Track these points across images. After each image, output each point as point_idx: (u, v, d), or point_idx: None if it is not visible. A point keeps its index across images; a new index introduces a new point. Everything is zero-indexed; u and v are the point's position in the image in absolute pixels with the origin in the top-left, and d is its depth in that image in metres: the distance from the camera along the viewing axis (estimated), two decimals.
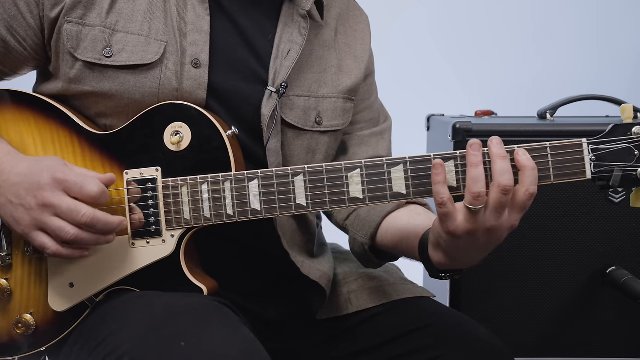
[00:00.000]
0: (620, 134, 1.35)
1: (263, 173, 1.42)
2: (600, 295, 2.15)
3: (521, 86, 3.43)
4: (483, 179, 1.29)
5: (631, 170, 1.35)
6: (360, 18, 1.76)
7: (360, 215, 1.64)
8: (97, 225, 1.36)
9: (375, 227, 1.60)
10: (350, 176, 1.40)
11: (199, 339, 1.28)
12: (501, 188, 1.28)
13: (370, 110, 1.76)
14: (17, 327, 1.46)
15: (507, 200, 1.29)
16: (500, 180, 1.29)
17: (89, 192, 1.36)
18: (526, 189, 1.30)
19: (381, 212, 1.60)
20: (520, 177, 1.31)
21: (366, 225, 1.61)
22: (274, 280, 1.63)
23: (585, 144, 1.35)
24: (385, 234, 1.59)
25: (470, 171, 1.30)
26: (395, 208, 1.60)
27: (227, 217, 1.43)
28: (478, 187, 1.29)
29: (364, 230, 1.62)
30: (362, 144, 1.72)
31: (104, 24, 1.48)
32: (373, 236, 1.60)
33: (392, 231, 1.57)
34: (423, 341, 1.55)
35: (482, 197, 1.29)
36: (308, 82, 1.61)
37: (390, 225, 1.58)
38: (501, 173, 1.29)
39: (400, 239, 1.54)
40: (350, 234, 1.67)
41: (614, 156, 1.35)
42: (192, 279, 1.44)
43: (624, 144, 1.35)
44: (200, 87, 1.49)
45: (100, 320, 1.41)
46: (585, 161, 1.35)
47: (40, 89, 1.56)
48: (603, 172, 1.35)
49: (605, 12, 3.48)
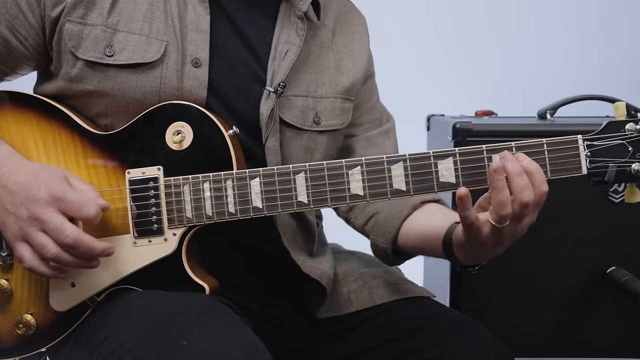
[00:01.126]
0: (614, 130, 1.39)
1: (264, 171, 1.43)
2: (600, 295, 2.15)
3: (521, 86, 3.42)
4: (510, 202, 1.34)
5: (625, 166, 1.39)
6: (358, 20, 1.77)
7: (379, 222, 1.67)
8: (79, 248, 1.36)
9: (395, 232, 1.62)
10: (350, 173, 1.42)
11: (200, 338, 1.28)
12: (523, 204, 1.33)
13: (374, 111, 1.78)
14: (17, 327, 1.46)
15: (529, 211, 1.35)
16: (521, 197, 1.33)
17: (86, 214, 1.36)
18: (539, 190, 1.34)
19: (398, 218, 1.62)
20: (531, 180, 1.34)
21: (386, 231, 1.64)
22: (274, 279, 1.64)
23: (580, 140, 1.39)
24: (406, 238, 1.62)
25: (498, 196, 1.33)
26: (411, 211, 1.63)
27: (229, 214, 1.43)
28: (506, 210, 1.33)
29: (385, 237, 1.64)
30: (371, 145, 1.74)
31: (105, 23, 1.48)
32: (394, 241, 1.63)
33: (413, 236, 1.60)
34: (423, 341, 1.55)
35: (509, 216, 1.34)
36: (306, 82, 1.62)
37: (409, 229, 1.61)
38: (521, 190, 1.33)
39: (423, 242, 1.58)
40: (371, 240, 1.70)
41: (609, 152, 1.39)
42: (194, 278, 1.44)
43: (618, 140, 1.39)
44: (200, 86, 1.50)
45: (102, 320, 1.41)
46: (581, 157, 1.39)
47: (41, 89, 1.56)
48: (598, 167, 1.39)
49: (605, 12, 3.48)
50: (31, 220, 1.36)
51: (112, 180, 1.47)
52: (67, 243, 1.35)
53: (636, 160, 1.39)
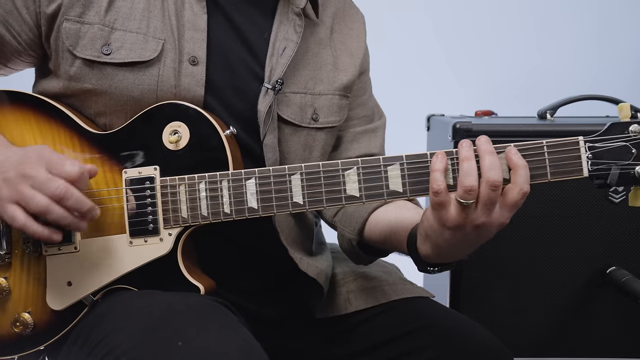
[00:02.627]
0: (617, 132, 1.35)
1: (260, 172, 1.43)
2: (600, 295, 2.15)
3: (521, 86, 3.42)
4: (475, 173, 1.30)
5: (629, 168, 1.35)
6: (356, 17, 1.77)
7: (348, 211, 1.65)
8: (70, 200, 1.36)
9: (362, 222, 1.60)
10: (346, 174, 1.41)
11: (197, 339, 1.28)
12: (490, 184, 1.29)
13: (364, 107, 1.77)
14: (15, 325, 1.46)
15: (497, 197, 1.30)
16: (488, 176, 1.30)
17: (68, 170, 1.36)
18: (520, 188, 1.31)
19: (368, 208, 1.60)
20: (512, 177, 1.32)
21: (353, 220, 1.62)
22: (272, 279, 1.64)
23: (582, 142, 1.35)
24: (373, 228, 1.59)
25: (463, 165, 1.31)
26: (383, 203, 1.60)
27: (224, 215, 1.43)
28: (469, 181, 1.30)
29: (351, 226, 1.62)
30: (354, 141, 1.73)
31: (102, 22, 1.49)
32: (360, 231, 1.61)
33: (381, 226, 1.57)
34: (422, 341, 1.55)
35: (474, 191, 1.30)
36: (304, 79, 1.61)
37: (378, 220, 1.59)
38: (489, 168, 1.30)
39: (389, 233, 1.54)
40: (338, 231, 1.67)
41: (611, 154, 1.35)
42: (189, 278, 1.44)
43: (621, 142, 1.35)
44: (198, 84, 1.50)
45: (99, 320, 1.41)
46: (582, 159, 1.35)
47: (42, 87, 1.56)
48: (600, 170, 1.35)
49: (605, 12, 3.48)
50: (20, 177, 1.36)
51: (109, 180, 1.47)
52: (57, 194, 1.35)
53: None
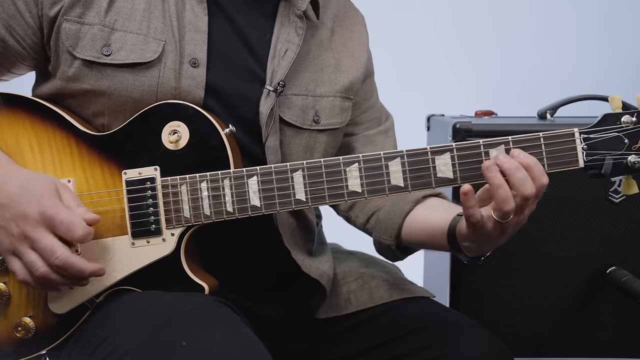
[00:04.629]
0: (610, 123, 1.40)
1: (262, 169, 1.43)
2: (600, 295, 2.14)
3: (521, 86, 3.42)
4: (511, 198, 1.35)
5: (621, 158, 1.40)
6: (357, 19, 1.77)
7: (381, 219, 1.68)
8: (68, 271, 1.36)
9: (397, 228, 1.63)
10: (348, 170, 1.42)
11: (200, 339, 1.28)
12: (525, 197, 1.35)
13: (373, 110, 1.78)
14: (16, 330, 1.46)
15: (530, 203, 1.36)
16: (522, 191, 1.35)
17: (74, 235, 1.36)
18: (539, 182, 1.36)
19: (400, 214, 1.64)
20: (530, 174, 1.36)
21: (389, 228, 1.65)
22: (274, 280, 1.64)
23: (577, 133, 1.40)
24: (409, 233, 1.63)
25: (498, 193, 1.35)
26: (413, 206, 1.64)
27: (227, 214, 1.43)
28: (509, 206, 1.35)
29: (388, 233, 1.65)
30: (369, 143, 1.74)
31: (102, 22, 1.48)
32: (398, 237, 1.64)
33: (416, 231, 1.62)
34: (423, 341, 1.55)
35: (513, 211, 1.35)
36: (305, 81, 1.62)
37: (412, 224, 1.63)
38: (521, 184, 1.35)
39: (427, 236, 1.59)
40: (374, 237, 1.70)
41: (605, 145, 1.40)
42: (193, 277, 1.44)
43: (614, 133, 1.39)
44: (198, 86, 1.50)
45: (101, 321, 1.41)
46: (578, 150, 1.40)
47: (39, 89, 1.56)
48: (595, 160, 1.40)
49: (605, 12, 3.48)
50: (21, 237, 1.36)
51: (108, 181, 1.46)
52: (56, 264, 1.35)
53: (632, 152, 1.39)
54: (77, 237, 1.36)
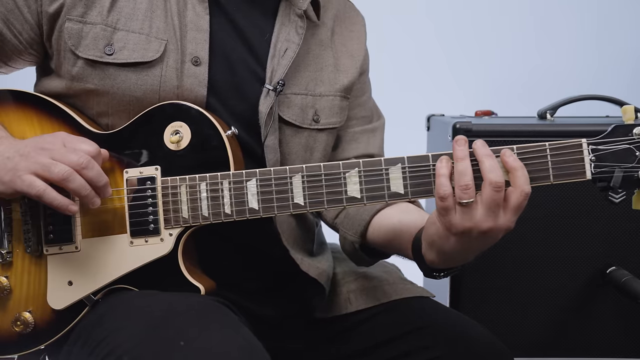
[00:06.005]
0: (621, 134, 1.33)
1: (261, 172, 1.42)
2: (600, 295, 2.15)
3: (521, 86, 3.43)
4: (470, 172, 1.30)
5: (632, 172, 1.33)
6: (357, 19, 1.77)
7: (350, 213, 1.64)
8: (92, 170, 1.38)
9: (364, 225, 1.60)
10: (348, 176, 1.40)
11: (198, 339, 1.27)
12: (493, 185, 1.29)
13: (363, 108, 1.77)
14: (15, 324, 1.46)
15: (500, 199, 1.30)
16: (490, 177, 1.30)
17: (86, 147, 1.39)
18: (521, 190, 1.30)
19: (370, 210, 1.60)
20: (511, 179, 1.31)
21: (355, 223, 1.62)
22: (273, 279, 1.64)
23: (585, 144, 1.34)
24: (376, 232, 1.59)
25: (458, 165, 1.31)
26: (385, 205, 1.60)
27: (225, 216, 1.43)
28: (465, 180, 1.30)
29: (354, 229, 1.62)
30: (353, 141, 1.73)
31: (104, 22, 1.49)
32: (363, 234, 1.60)
33: (384, 229, 1.57)
34: (422, 341, 1.55)
35: (471, 189, 1.30)
36: (305, 80, 1.62)
37: (381, 223, 1.59)
38: (490, 170, 1.30)
39: (393, 237, 1.54)
40: (340, 233, 1.67)
41: (615, 157, 1.33)
42: (190, 278, 1.44)
43: (625, 145, 1.33)
44: (200, 85, 1.50)
45: (100, 320, 1.41)
46: (585, 161, 1.34)
47: (43, 86, 1.57)
48: (603, 172, 1.34)
49: (605, 12, 3.48)
50: (39, 150, 1.38)
51: (110, 180, 1.46)
52: (79, 163, 1.36)
53: None
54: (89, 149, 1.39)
